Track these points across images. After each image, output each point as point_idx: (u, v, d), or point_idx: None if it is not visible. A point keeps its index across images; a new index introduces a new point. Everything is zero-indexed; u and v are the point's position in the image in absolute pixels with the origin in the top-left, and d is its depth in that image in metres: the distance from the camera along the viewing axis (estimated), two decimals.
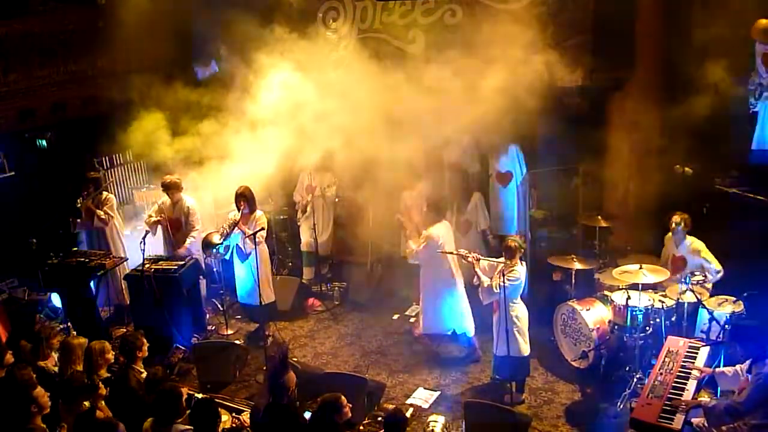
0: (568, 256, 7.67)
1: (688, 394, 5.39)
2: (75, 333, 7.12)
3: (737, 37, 7.32)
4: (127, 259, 8.47)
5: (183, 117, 8.90)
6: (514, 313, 6.55)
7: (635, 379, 6.61)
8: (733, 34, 7.25)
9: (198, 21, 9.61)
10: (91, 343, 5.90)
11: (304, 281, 9.31)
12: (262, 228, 7.73)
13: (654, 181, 8.34)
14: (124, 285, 8.28)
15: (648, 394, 5.41)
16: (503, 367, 6.68)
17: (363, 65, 8.79)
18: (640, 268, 6.67)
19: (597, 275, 7.65)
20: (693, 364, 5.69)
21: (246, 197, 7.82)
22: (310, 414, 5.25)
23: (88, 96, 9.80)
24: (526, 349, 6.67)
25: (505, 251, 6.59)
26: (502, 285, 6.32)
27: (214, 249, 8.01)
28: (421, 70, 8.03)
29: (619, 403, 6.55)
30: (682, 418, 5.12)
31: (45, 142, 9.75)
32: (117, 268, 8.33)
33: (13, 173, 9.21)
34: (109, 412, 5.29)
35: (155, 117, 8.76)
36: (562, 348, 7.45)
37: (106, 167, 9.98)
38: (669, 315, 6.77)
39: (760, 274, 6.56)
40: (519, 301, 6.63)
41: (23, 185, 9.09)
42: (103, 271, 7.93)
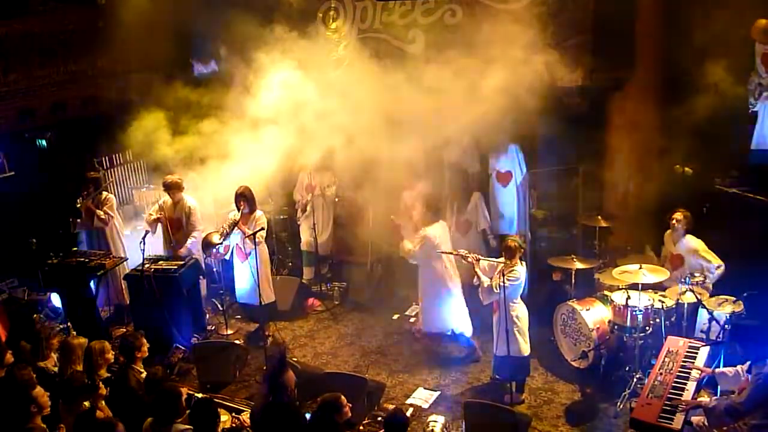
0: (567, 256, 7.67)
1: (688, 394, 5.38)
2: (75, 333, 7.11)
3: (737, 37, 7.32)
4: (127, 259, 8.47)
5: (183, 116, 8.90)
6: (514, 313, 6.55)
7: (635, 379, 6.61)
8: (733, 34, 7.25)
9: (198, 20, 9.59)
10: (91, 343, 5.90)
11: (304, 281, 9.31)
12: (262, 228, 7.74)
13: (654, 181, 8.35)
14: (124, 285, 8.28)
15: (648, 394, 5.40)
16: (503, 367, 6.69)
17: (363, 65, 8.79)
18: (640, 268, 6.66)
19: (597, 275, 7.65)
20: (693, 363, 5.69)
21: (246, 197, 7.83)
22: (310, 415, 5.24)
23: (88, 96, 9.80)
24: (526, 349, 6.67)
25: (505, 251, 6.59)
26: (502, 285, 6.33)
27: (213, 249, 8.00)
28: (421, 70, 8.02)
29: (619, 403, 6.55)
30: (682, 418, 5.12)
31: (45, 142, 9.75)
32: (117, 268, 8.32)
33: (13, 173, 9.21)
34: (110, 412, 5.30)
35: (155, 117, 8.76)
36: (562, 348, 7.45)
37: (106, 167, 9.97)
38: (669, 315, 6.76)
39: (760, 274, 6.55)
40: (519, 301, 6.63)
41: (23, 185, 9.07)
42: (103, 271, 7.93)
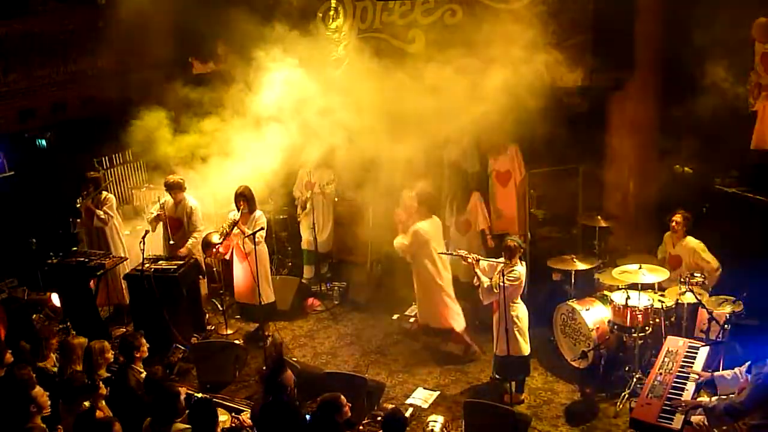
0: (567, 257, 7.66)
1: (687, 394, 5.38)
2: (74, 333, 7.11)
3: (737, 37, 7.32)
4: (126, 258, 8.47)
5: (183, 116, 8.90)
6: (514, 312, 6.55)
7: (635, 379, 6.61)
8: (733, 34, 7.25)
9: (198, 20, 9.58)
10: (90, 342, 5.90)
11: (304, 280, 9.32)
12: (262, 228, 7.74)
13: (654, 180, 8.34)
14: (124, 285, 8.28)
15: (647, 394, 5.40)
16: (503, 366, 6.68)
17: (363, 65, 8.79)
18: (640, 268, 6.66)
19: (597, 275, 7.64)
20: (692, 368, 5.68)
21: (246, 197, 7.83)
22: (310, 414, 5.24)
23: (88, 96, 9.79)
24: (526, 349, 6.67)
25: (505, 251, 6.60)
26: (502, 285, 6.33)
27: (213, 249, 8.00)
28: (421, 70, 8.02)
29: (618, 403, 6.55)
30: (682, 418, 5.12)
31: (45, 142, 9.76)
32: (117, 267, 8.32)
33: (13, 173, 9.22)
34: (110, 412, 5.29)
35: (155, 116, 8.75)
36: (562, 348, 7.44)
37: (106, 167, 9.97)
38: (669, 315, 6.76)
39: (760, 274, 6.55)
40: (519, 300, 6.63)
41: (23, 185, 9.08)
42: (102, 271, 7.93)
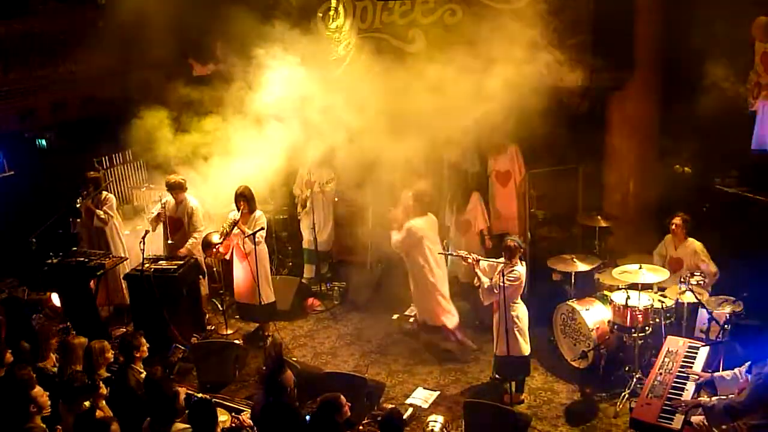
0: (567, 256, 7.65)
1: (687, 394, 5.38)
2: (74, 333, 7.10)
3: (737, 37, 7.32)
4: (126, 258, 8.47)
5: (183, 115, 8.91)
6: (514, 313, 6.54)
7: (635, 379, 6.61)
8: (733, 34, 7.25)
9: (198, 19, 9.59)
10: (90, 342, 5.90)
11: (304, 279, 9.32)
12: (262, 228, 7.73)
13: (654, 180, 8.35)
14: (124, 285, 8.28)
15: (648, 394, 5.40)
16: (503, 366, 6.68)
17: (363, 65, 8.79)
18: (640, 268, 6.66)
19: (597, 275, 7.64)
20: (691, 369, 5.68)
21: (246, 197, 7.81)
22: (309, 415, 5.23)
23: (88, 96, 9.81)
24: (527, 349, 6.66)
25: (505, 251, 6.60)
26: (502, 285, 6.32)
27: (213, 248, 8.00)
28: (421, 70, 8.02)
29: (618, 403, 6.55)
30: (682, 417, 5.12)
31: (45, 142, 9.77)
32: (117, 267, 8.32)
33: (12, 173, 9.23)
34: (110, 412, 5.29)
35: (155, 115, 8.75)
36: (562, 348, 7.44)
37: (106, 167, 9.98)
38: (668, 315, 6.76)
39: (760, 274, 6.55)
40: (519, 301, 6.63)
41: (23, 185, 9.09)
42: (102, 271, 7.92)
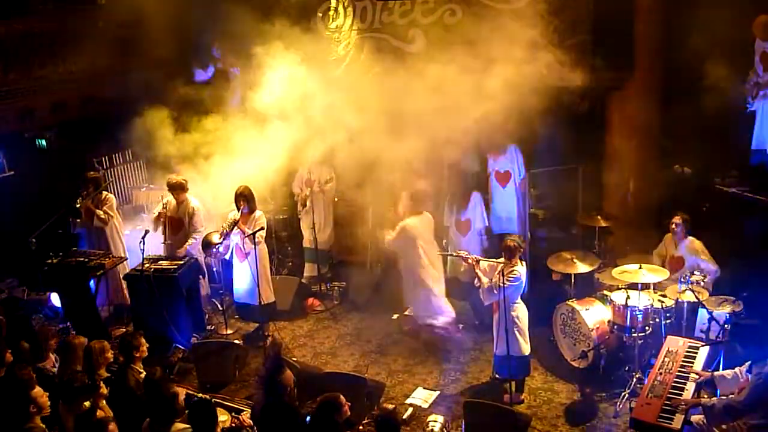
0: (567, 256, 7.64)
1: (687, 394, 5.38)
2: (74, 333, 7.11)
3: (737, 37, 7.33)
4: (126, 258, 8.47)
5: (183, 115, 8.91)
6: (515, 313, 6.54)
7: (635, 379, 6.61)
8: (733, 34, 7.25)
9: (197, 18, 9.60)
10: (90, 342, 5.90)
11: (305, 278, 9.33)
12: (262, 228, 7.73)
13: (654, 180, 8.35)
14: (124, 284, 8.28)
15: (647, 394, 5.40)
16: (503, 366, 6.68)
17: (362, 65, 8.78)
18: (640, 268, 6.66)
19: (597, 275, 7.64)
20: (692, 368, 5.68)
21: (246, 197, 7.81)
22: (309, 415, 5.23)
23: (88, 96, 9.80)
24: (527, 349, 6.67)
25: (505, 251, 6.59)
26: (502, 285, 6.32)
27: (213, 249, 8.00)
28: (421, 70, 8.02)
29: (618, 403, 6.55)
30: (682, 417, 5.12)
31: (45, 142, 9.77)
32: (117, 267, 8.32)
33: (12, 173, 9.22)
34: (111, 412, 5.29)
35: (155, 115, 8.76)
36: (562, 348, 7.44)
37: (106, 167, 9.98)
38: (668, 315, 6.76)
39: (760, 274, 6.56)
40: (519, 301, 6.62)
41: (23, 185, 9.09)
42: (102, 271, 7.92)
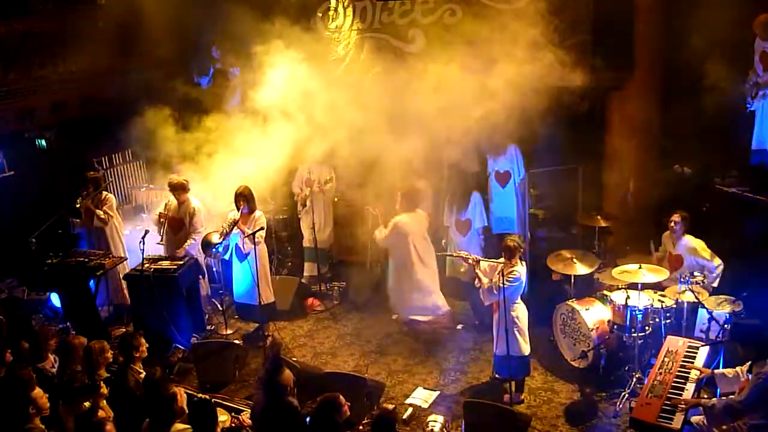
0: (567, 255, 7.63)
1: (687, 394, 5.38)
2: (74, 333, 7.11)
3: (736, 36, 7.33)
4: (126, 258, 8.47)
5: (183, 115, 8.91)
6: (515, 313, 6.54)
7: (634, 379, 6.61)
8: (733, 34, 7.25)
9: (197, 19, 9.60)
10: (90, 342, 5.90)
11: (305, 277, 9.34)
12: (262, 228, 7.73)
13: (653, 180, 8.35)
14: (124, 284, 8.28)
15: (647, 394, 5.40)
16: (503, 366, 6.68)
17: (362, 65, 8.78)
18: (640, 268, 6.65)
19: (597, 275, 7.64)
20: (692, 364, 5.69)
21: (245, 197, 7.81)
22: (309, 416, 5.23)
23: (88, 96, 9.81)
24: (526, 349, 6.67)
25: (505, 251, 6.59)
26: (502, 285, 6.32)
27: (213, 249, 8.00)
28: (421, 70, 8.03)
29: (618, 403, 6.55)
30: (682, 417, 5.12)
31: (45, 142, 9.77)
32: (117, 267, 8.32)
33: (12, 173, 9.23)
34: (111, 412, 5.29)
35: (155, 115, 8.76)
36: (562, 348, 7.44)
37: (105, 167, 9.98)
38: (668, 315, 6.76)
39: (760, 274, 6.55)
40: (519, 301, 6.62)
41: (23, 185, 9.09)
42: (102, 271, 7.92)
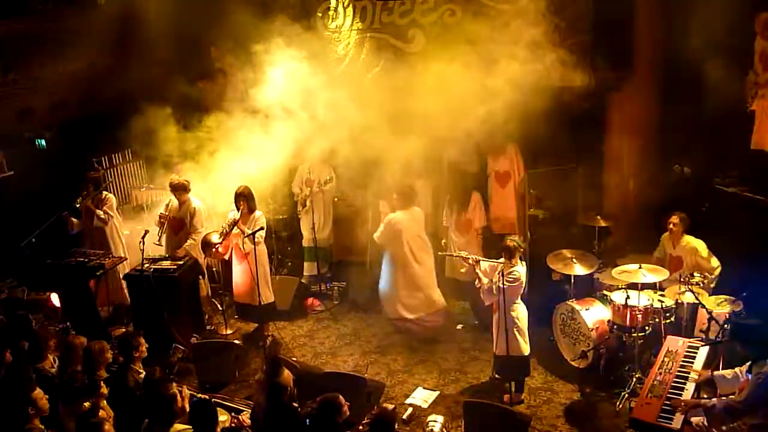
0: (567, 255, 7.63)
1: (687, 394, 5.39)
2: (74, 333, 7.10)
3: (736, 36, 7.32)
4: (126, 258, 8.46)
5: (183, 114, 8.90)
6: (514, 313, 6.55)
7: (634, 379, 6.61)
8: (733, 34, 7.25)
9: (197, 19, 9.59)
10: (89, 343, 5.89)
11: (305, 277, 9.34)
12: (261, 228, 7.73)
13: (654, 181, 8.34)
14: (124, 284, 8.28)
15: (647, 394, 5.41)
16: (503, 366, 6.69)
17: (362, 65, 8.76)
18: (640, 268, 6.65)
19: (596, 275, 7.64)
20: (692, 367, 5.68)
21: (245, 197, 7.81)
22: (309, 416, 5.23)
23: (88, 96, 9.79)
24: (526, 349, 6.67)
25: (504, 251, 6.59)
26: (502, 285, 6.32)
27: (212, 249, 7.99)
28: (421, 71, 8.02)
29: (618, 403, 6.55)
30: (682, 417, 5.12)
31: (45, 142, 9.76)
32: (117, 267, 8.32)
33: (12, 173, 9.22)
34: (111, 412, 5.29)
35: (155, 115, 8.75)
36: (562, 348, 7.44)
37: (105, 167, 9.97)
38: (668, 315, 6.76)
39: (760, 274, 6.54)
40: (519, 301, 6.63)
41: (23, 185, 9.08)
42: (102, 271, 7.92)
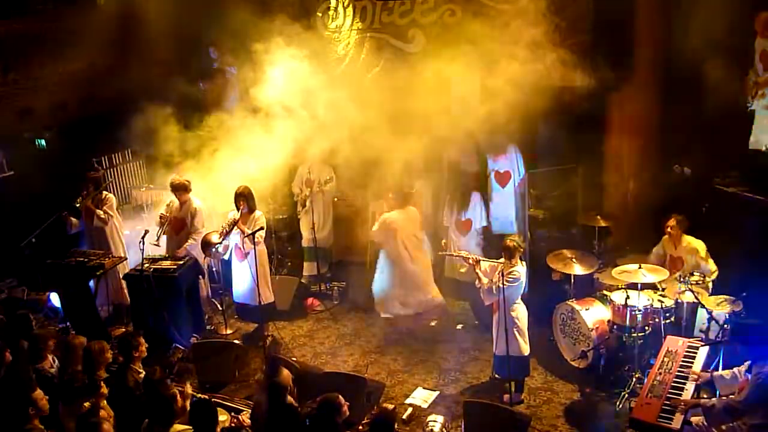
0: (567, 254, 7.63)
1: (687, 394, 5.39)
2: (74, 333, 7.10)
3: (736, 36, 7.32)
4: (126, 258, 8.47)
5: (182, 114, 8.90)
6: (514, 313, 6.54)
7: (634, 379, 6.61)
8: (733, 34, 7.24)
9: (196, 19, 9.60)
10: (89, 342, 5.90)
11: (304, 277, 9.34)
12: (261, 228, 7.73)
13: (653, 180, 8.34)
14: (124, 284, 8.28)
15: (647, 394, 5.41)
16: (503, 366, 6.68)
17: (362, 65, 8.76)
18: (639, 268, 6.65)
19: (596, 275, 7.64)
20: (691, 369, 5.68)
21: (245, 196, 7.81)
22: (309, 416, 5.23)
23: (88, 96, 9.80)
24: (526, 349, 6.67)
25: (505, 251, 6.59)
26: (502, 285, 6.32)
27: (213, 249, 8.00)
28: (420, 71, 8.02)
29: (618, 403, 6.55)
30: (682, 417, 5.12)
31: (45, 142, 9.77)
32: (117, 267, 8.32)
33: (12, 173, 9.22)
34: (111, 412, 5.29)
35: (155, 115, 8.75)
36: (561, 348, 7.44)
37: (105, 167, 9.98)
38: (668, 315, 6.76)
39: (759, 274, 6.54)
40: (519, 301, 6.62)
41: (23, 185, 9.08)
42: (102, 271, 7.92)
